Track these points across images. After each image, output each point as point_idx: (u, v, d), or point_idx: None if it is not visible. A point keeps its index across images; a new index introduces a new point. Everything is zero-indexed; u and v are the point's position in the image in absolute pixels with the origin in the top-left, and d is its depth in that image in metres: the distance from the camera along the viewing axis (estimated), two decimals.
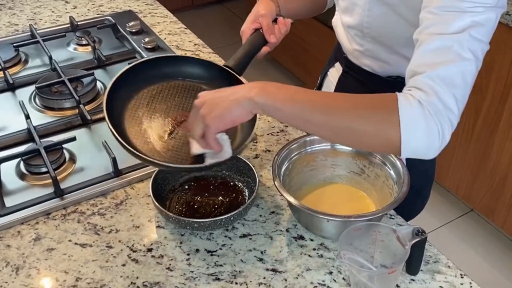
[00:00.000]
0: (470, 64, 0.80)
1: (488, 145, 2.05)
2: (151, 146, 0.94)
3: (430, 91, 0.78)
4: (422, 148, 0.80)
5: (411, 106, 0.78)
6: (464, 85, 0.80)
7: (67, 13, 1.70)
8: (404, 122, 0.77)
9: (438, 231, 2.27)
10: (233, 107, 0.81)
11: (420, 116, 0.77)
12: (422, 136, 0.78)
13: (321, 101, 0.81)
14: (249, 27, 1.08)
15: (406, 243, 0.81)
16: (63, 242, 0.94)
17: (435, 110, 0.77)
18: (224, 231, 0.96)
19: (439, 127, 0.78)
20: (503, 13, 1.78)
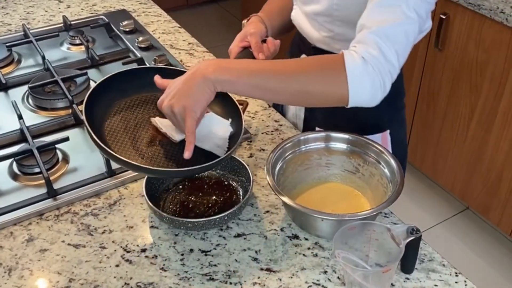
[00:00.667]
0: (413, 23, 0.90)
1: (483, 143, 2.05)
2: (138, 157, 0.93)
3: (375, 46, 0.88)
4: (366, 100, 0.90)
5: (356, 63, 0.88)
6: (406, 42, 0.90)
7: (60, 13, 1.69)
8: (351, 79, 0.87)
9: (433, 229, 2.27)
10: (194, 88, 0.86)
11: (365, 71, 0.87)
12: (367, 90, 0.88)
13: (274, 69, 0.89)
14: (237, 45, 1.09)
15: (401, 241, 0.81)
16: (56, 243, 0.94)
17: (378, 65, 0.88)
18: (218, 231, 0.95)
19: (381, 80, 0.88)
20: (498, 12, 1.78)
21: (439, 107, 2.19)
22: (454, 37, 2.01)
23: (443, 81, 2.13)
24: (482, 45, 1.92)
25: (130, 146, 0.94)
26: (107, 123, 0.96)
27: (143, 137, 0.96)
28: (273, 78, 0.88)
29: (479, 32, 1.91)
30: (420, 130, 2.33)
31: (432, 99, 2.21)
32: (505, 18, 1.77)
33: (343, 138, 1.02)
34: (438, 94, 2.17)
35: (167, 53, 1.44)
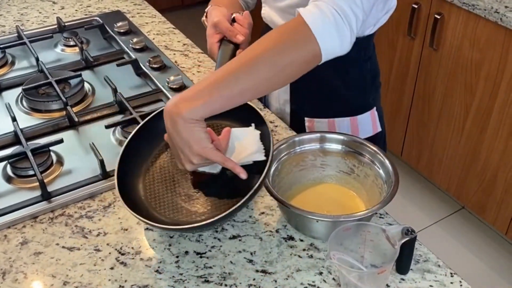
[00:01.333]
0: None
1: (478, 142, 2.06)
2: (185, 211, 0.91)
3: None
4: (337, 46, 0.85)
5: (313, 14, 0.84)
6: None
7: (54, 14, 1.69)
8: (315, 29, 0.83)
9: (429, 229, 2.28)
10: (184, 134, 0.80)
11: (327, 21, 0.84)
12: (336, 38, 0.84)
13: (239, 65, 0.82)
14: (213, 42, 1.03)
15: (396, 242, 0.81)
16: (50, 246, 0.93)
17: (338, 8, 0.84)
18: (213, 233, 0.95)
19: (345, 23, 0.85)
20: (492, 12, 1.79)
21: (434, 107, 2.19)
22: (449, 37, 2.01)
23: (438, 81, 2.13)
24: (476, 45, 1.92)
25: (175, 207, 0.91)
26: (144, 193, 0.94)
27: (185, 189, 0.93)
28: (242, 75, 0.81)
29: (473, 31, 1.91)
30: (415, 130, 2.33)
31: (427, 99, 2.21)
32: (499, 18, 1.78)
33: (338, 139, 1.02)
34: (433, 94, 2.18)
35: (162, 54, 1.44)
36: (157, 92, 1.30)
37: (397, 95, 2.35)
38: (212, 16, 1.05)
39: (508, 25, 1.76)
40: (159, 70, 1.36)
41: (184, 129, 0.80)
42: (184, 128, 0.80)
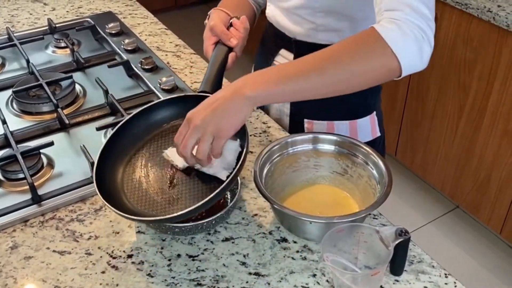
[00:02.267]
0: None
1: (472, 142, 2.06)
2: (159, 204, 0.90)
3: (402, 7, 0.84)
4: (418, 61, 0.85)
5: (392, 31, 0.83)
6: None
7: (45, 15, 1.67)
8: (395, 47, 0.83)
9: (424, 229, 2.28)
10: (235, 112, 0.82)
11: (404, 34, 0.83)
12: (415, 51, 0.84)
13: (311, 65, 0.84)
14: (208, 44, 1.05)
15: (389, 243, 0.81)
16: (41, 250, 0.92)
17: (413, 21, 0.84)
18: (206, 235, 0.94)
19: (422, 33, 0.84)
20: (485, 11, 1.79)
21: (428, 106, 2.19)
22: (442, 36, 2.01)
23: (432, 80, 2.13)
24: (470, 44, 1.92)
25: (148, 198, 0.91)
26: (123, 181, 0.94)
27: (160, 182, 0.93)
28: (313, 75, 0.83)
29: (466, 31, 1.91)
30: (409, 130, 2.33)
31: (421, 98, 2.21)
32: (492, 17, 1.78)
33: (331, 139, 1.02)
34: (426, 94, 2.18)
35: (154, 55, 1.43)
36: (149, 93, 1.29)
37: (391, 95, 2.35)
38: (210, 19, 1.08)
39: (501, 24, 1.76)
40: (151, 71, 1.35)
41: (237, 107, 0.82)
42: (238, 105, 0.82)
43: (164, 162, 0.96)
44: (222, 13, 1.08)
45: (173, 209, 0.89)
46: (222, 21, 1.06)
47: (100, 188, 0.88)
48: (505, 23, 1.74)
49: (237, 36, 1.04)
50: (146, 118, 0.99)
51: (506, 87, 1.85)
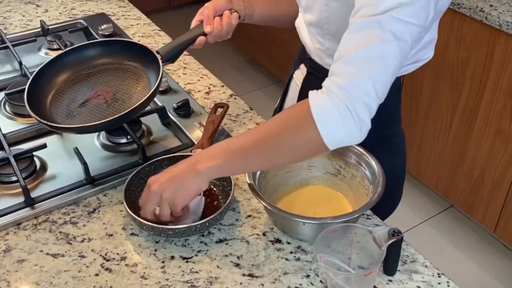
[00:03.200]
0: (390, 46, 0.80)
1: (466, 141, 2.07)
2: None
3: (343, 76, 0.80)
4: (343, 137, 0.81)
5: (320, 101, 0.81)
6: (384, 67, 0.80)
7: (38, 17, 1.67)
8: (318, 120, 0.80)
9: (418, 228, 2.28)
10: (190, 185, 0.87)
11: (330, 106, 0.80)
12: (339, 127, 0.80)
13: (251, 143, 0.86)
14: (196, 19, 1.12)
15: (382, 244, 0.81)
16: (34, 253, 0.92)
17: (347, 96, 0.79)
18: (199, 237, 0.94)
19: (353, 113, 0.79)
20: (477, 10, 1.79)
21: (422, 106, 2.20)
22: None
23: (425, 80, 2.14)
24: (462, 44, 1.93)
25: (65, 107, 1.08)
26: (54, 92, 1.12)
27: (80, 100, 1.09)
28: (252, 154, 0.86)
29: (459, 31, 1.92)
30: None
31: (414, 98, 2.21)
32: (484, 17, 1.79)
33: None
34: (420, 93, 2.18)
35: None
36: None
37: None
38: (212, 1, 1.12)
39: (493, 24, 1.77)
40: None
41: (188, 178, 0.87)
42: (189, 177, 0.87)
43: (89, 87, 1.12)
44: (225, 1, 1.11)
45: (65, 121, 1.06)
46: (216, 6, 1.10)
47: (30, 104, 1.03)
48: (497, 22, 1.75)
49: (215, 26, 1.09)
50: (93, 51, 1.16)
51: (499, 86, 1.86)
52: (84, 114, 1.07)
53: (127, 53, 1.15)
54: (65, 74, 1.14)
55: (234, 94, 1.32)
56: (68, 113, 1.08)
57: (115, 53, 1.16)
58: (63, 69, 1.14)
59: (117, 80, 1.13)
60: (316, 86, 1.13)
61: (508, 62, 1.80)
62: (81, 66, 1.15)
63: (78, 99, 1.10)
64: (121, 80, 1.13)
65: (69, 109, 1.08)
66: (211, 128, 1.11)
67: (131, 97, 1.09)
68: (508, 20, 1.72)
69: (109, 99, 1.09)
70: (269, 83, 3.16)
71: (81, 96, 1.11)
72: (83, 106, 1.08)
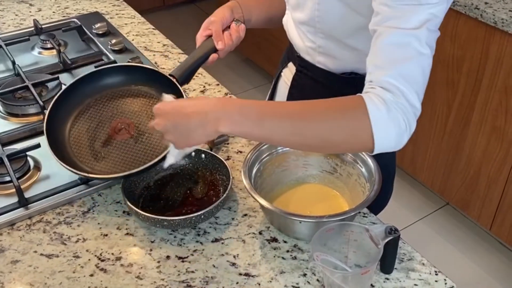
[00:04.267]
0: (427, 58, 0.83)
1: (461, 138, 2.07)
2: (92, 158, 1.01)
3: (396, 92, 0.81)
4: (392, 146, 0.83)
5: (379, 110, 0.80)
6: (423, 79, 0.84)
7: (31, 16, 1.65)
8: (376, 128, 0.80)
9: (414, 226, 2.28)
10: (199, 135, 0.81)
11: (390, 119, 0.81)
12: (393, 137, 0.82)
13: (289, 120, 0.81)
14: (202, 34, 1.08)
15: (379, 242, 0.80)
16: (28, 254, 0.91)
17: (403, 109, 0.81)
18: (195, 236, 0.94)
19: (406, 123, 0.82)
20: (472, 8, 1.79)
21: None
22: None
23: None
24: (458, 41, 1.93)
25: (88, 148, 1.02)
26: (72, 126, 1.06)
27: (102, 137, 1.04)
28: (287, 131, 0.81)
29: (454, 28, 1.92)
30: None
31: None
32: (479, 14, 1.78)
33: None
34: None
35: (141, 56, 1.41)
36: None
37: None
38: (216, 13, 1.10)
39: (488, 21, 1.77)
40: None
41: (199, 130, 0.80)
42: (204, 135, 0.81)
43: (106, 121, 1.06)
44: (228, 13, 1.10)
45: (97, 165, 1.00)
46: (222, 19, 1.08)
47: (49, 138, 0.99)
48: (492, 20, 1.75)
49: (226, 41, 1.06)
50: (100, 79, 1.09)
51: (494, 83, 1.86)
52: (114, 154, 1.01)
53: (133, 76, 1.09)
54: (75, 109, 1.07)
55: (229, 93, 1.32)
56: (94, 155, 1.01)
57: (120, 78, 1.10)
58: (72, 105, 1.07)
59: (132, 108, 1.07)
60: (307, 84, 1.12)
61: (503, 59, 1.80)
62: (87, 98, 1.08)
63: (99, 137, 1.04)
64: (136, 108, 1.06)
65: (94, 150, 1.02)
66: None
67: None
68: (503, 17, 1.72)
69: (134, 133, 1.03)
70: (265, 81, 3.15)
71: (100, 132, 1.04)
72: (108, 145, 1.02)
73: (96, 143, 1.03)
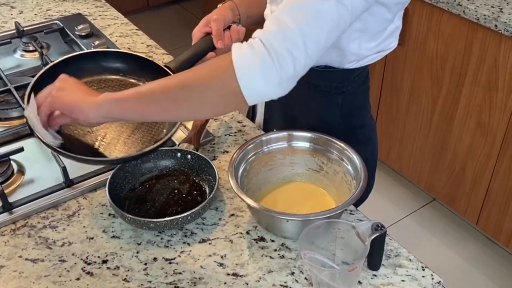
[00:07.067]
0: (328, 5, 0.78)
1: (447, 134, 2.08)
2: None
3: (275, 24, 0.78)
4: (260, 84, 0.77)
5: (242, 52, 0.78)
6: (319, 23, 0.78)
7: (12, 19, 1.63)
8: (239, 73, 0.76)
9: (402, 222, 2.30)
10: (83, 105, 0.83)
11: (251, 57, 0.77)
12: (259, 78, 0.77)
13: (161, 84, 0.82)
14: (200, 30, 1.07)
15: (366, 239, 0.81)
16: (13, 259, 0.90)
17: (270, 42, 0.77)
18: (182, 237, 0.93)
19: (275, 63, 0.76)
20: (455, 4, 1.80)
21: (402, 101, 2.21)
22: (414, 31, 2.03)
23: (405, 75, 2.15)
24: (441, 38, 1.94)
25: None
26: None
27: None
28: (157, 91, 0.82)
29: (437, 25, 1.93)
30: (384, 124, 2.35)
31: (395, 93, 2.22)
32: (462, 11, 1.80)
33: (305, 136, 1.01)
34: (400, 88, 2.19)
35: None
36: None
37: None
38: (216, 11, 1.08)
39: (471, 17, 1.78)
40: None
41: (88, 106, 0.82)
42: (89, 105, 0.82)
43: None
44: (229, 13, 1.08)
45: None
46: (224, 19, 1.06)
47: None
48: (475, 16, 1.77)
49: (225, 41, 1.05)
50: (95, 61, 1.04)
51: (478, 79, 1.88)
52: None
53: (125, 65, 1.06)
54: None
55: None
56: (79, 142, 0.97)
57: (107, 66, 1.06)
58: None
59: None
60: None
61: (486, 55, 1.82)
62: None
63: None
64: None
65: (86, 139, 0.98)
66: (199, 123, 1.10)
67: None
68: (485, 13, 1.74)
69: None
70: None
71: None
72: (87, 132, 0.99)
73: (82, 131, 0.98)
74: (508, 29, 1.69)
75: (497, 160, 1.93)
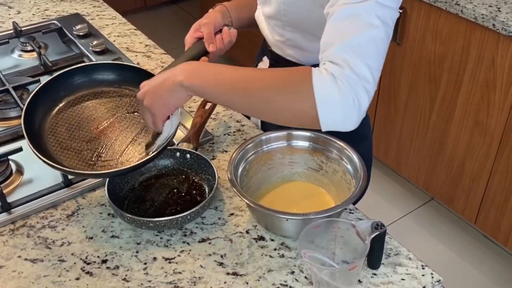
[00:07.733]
0: (379, 31, 0.81)
1: (444, 133, 2.08)
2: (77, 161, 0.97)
3: (343, 64, 0.80)
4: (340, 120, 0.81)
5: (324, 81, 0.79)
6: (376, 52, 0.82)
7: (10, 19, 1.63)
8: (318, 97, 0.79)
9: (400, 222, 2.30)
10: (169, 95, 0.87)
11: (334, 90, 0.79)
12: (339, 110, 0.80)
13: (240, 81, 0.85)
14: (192, 35, 1.07)
15: (366, 237, 0.81)
16: (12, 259, 0.89)
17: (350, 82, 0.79)
18: (182, 237, 0.93)
19: (354, 98, 0.80)
20: (453, 4, 1.81)
21: (400, 100, 2.21)
22: (412, 30, 2.03)
23: (403, 75, 2.15)
24: (439, 37, 1.95)
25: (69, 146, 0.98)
26: (49, 123, 1.00)
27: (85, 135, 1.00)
28: (236, 92, 0.85)
29: (435, 24, 1.93)
30: (382, 124, 2.35)
31: (393, 92, 2.23)
32: (460, 10, 1.80)
33: (305, 136, 1.01)
34: (398, 88, 2.19)
35: (123, 56, 1.40)
36: None
37: None
38: (206, 16, 1.09)
39: (469, 16, 1.78)
40: None
41: (172, 93, 0.87)
42: (172, 91, 0.87)
43: (87, 119, 1.03)
44: (219, 16, 1.09)
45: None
46: (214, 23, 1.07)
47: (27, 132, 0.93)
48: (473, 15, 1.77)
49: (217, 45, 1.06)
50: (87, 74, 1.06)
51: (476, 78, 1.88)
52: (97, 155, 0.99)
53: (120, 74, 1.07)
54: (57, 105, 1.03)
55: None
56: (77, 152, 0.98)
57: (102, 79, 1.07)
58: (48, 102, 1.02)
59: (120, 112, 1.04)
60: None
61: (484, 54, 1.82)
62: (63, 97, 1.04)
63: (78, 136, 1.00)
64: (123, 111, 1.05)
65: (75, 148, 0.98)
66: (198, 122, 1.10)
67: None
68: (483, 12, 1.74)
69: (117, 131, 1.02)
70: None
71: (83, 132, 1.00)
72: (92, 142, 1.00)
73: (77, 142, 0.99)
74: (506, 29, 1.69)
75: (495, 159, 1.93)
